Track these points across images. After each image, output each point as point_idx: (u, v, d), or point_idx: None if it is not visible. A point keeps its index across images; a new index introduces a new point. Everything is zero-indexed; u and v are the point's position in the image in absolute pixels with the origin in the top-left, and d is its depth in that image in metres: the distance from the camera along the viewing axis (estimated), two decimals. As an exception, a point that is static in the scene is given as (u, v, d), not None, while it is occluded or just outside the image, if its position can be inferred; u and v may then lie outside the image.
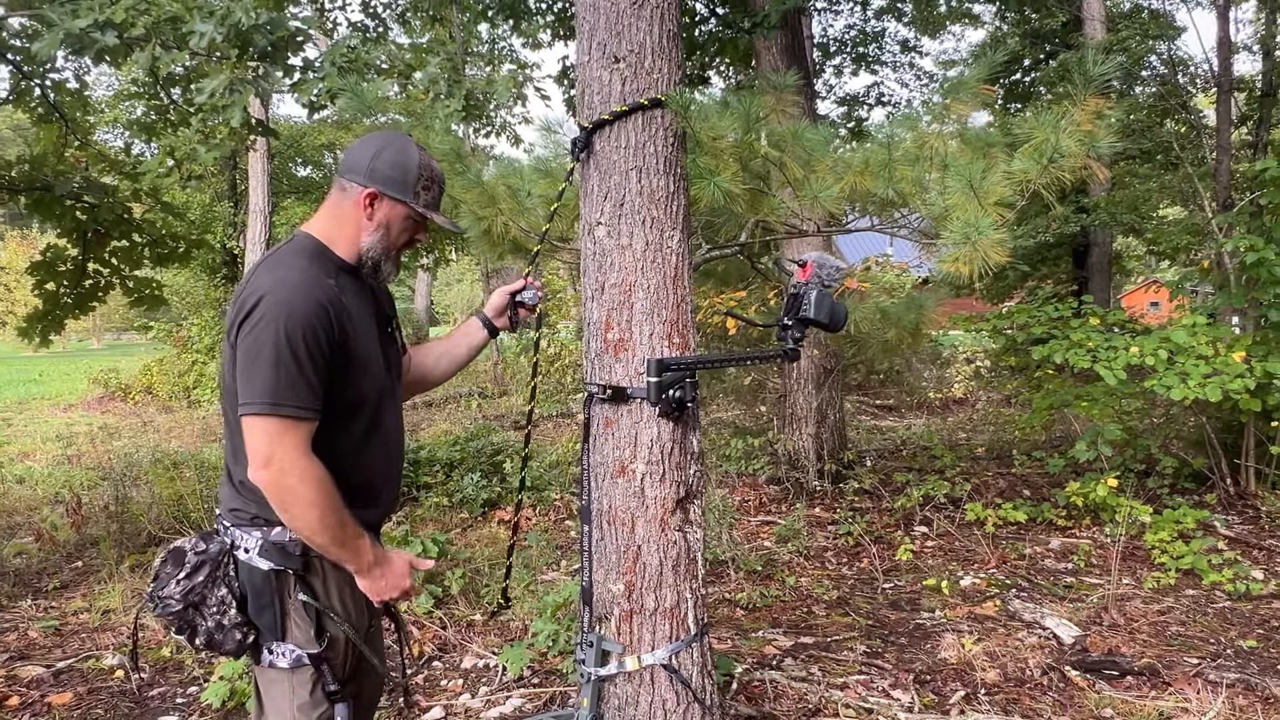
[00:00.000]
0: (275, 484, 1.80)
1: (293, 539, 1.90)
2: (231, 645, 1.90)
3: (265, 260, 1.95)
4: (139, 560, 5.36)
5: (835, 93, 16.71)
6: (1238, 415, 6.01)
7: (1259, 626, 4.17)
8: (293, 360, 1.79)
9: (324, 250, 2.00)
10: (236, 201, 18.67)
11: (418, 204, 2.05)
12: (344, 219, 2.03)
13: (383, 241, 2.05)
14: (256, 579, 1.91)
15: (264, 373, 1.78)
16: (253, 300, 1.82)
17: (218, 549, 1.92)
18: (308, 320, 1.81)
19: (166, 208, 5.64)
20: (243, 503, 1.93)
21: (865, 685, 3.63)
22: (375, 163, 2.01)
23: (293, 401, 1.79)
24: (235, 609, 1.88)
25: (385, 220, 2.04)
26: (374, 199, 2.01)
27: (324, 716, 1.95)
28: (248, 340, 1.81)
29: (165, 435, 11.39)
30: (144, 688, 3.78)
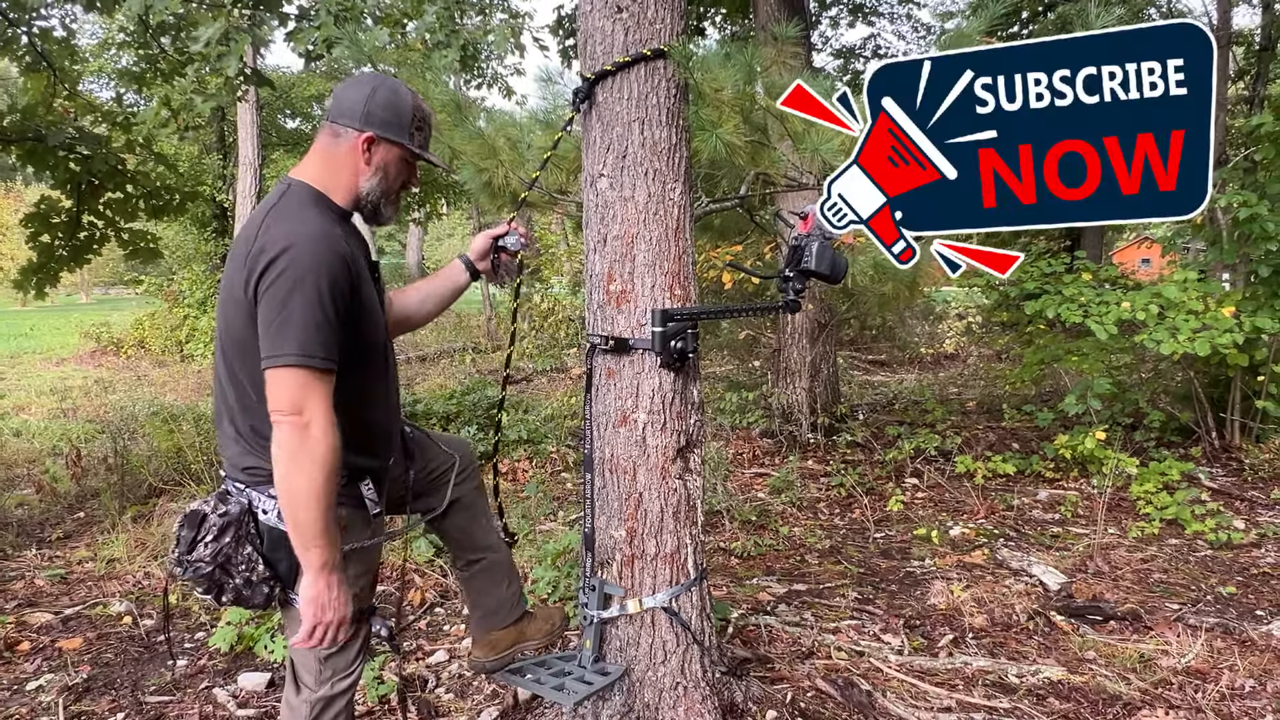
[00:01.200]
0: (297, 435, 1.78)
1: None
2: (260, 599, 1.95)
3: (271, 212, 1.92)
4: (141, 511, 5.42)
5: (832, 45, 16.53)
6: (1225, 370, 6.10)
7: (1238, 574, 4.29)
8: (320, 312, 1.80)
9: (323, 199, 1.99)
10: (225, 154, 18.44)
11: (413, 145, 2.06)
12: (339, 165, 2.01)
13: (381, 184, 2.05)
14: (278, 537, 1.94)
15: (294, 325, 1.78)
16: (272, 253, 1.81)
17: (239, 509, 1.94)
18: (331, 272, 1.82)
19: (160, 159, 5.60)
20: (257, 460, 1.93)
21: (857, 630, 3.74)
22: (370, 105, 2.00)
23: (321, 353, 1.80)
24: (262, 565, 1.93)
25: (383, 163, 2.04)
26: (371, 143, 2.01)
27: (354, 636, 2.06)
28: (272, 293, 1.79)
29: (160, 389, 11.41)
30: (152, 633, 3.86)
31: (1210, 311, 5.58)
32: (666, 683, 2.71)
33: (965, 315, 13.95)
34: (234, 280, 1.87)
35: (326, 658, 2.05)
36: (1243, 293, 6.04)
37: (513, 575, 2.59)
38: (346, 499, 1.99)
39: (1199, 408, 6.41)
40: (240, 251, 1.88)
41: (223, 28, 4.02)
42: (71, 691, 3.30)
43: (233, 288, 1.88)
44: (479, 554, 2.50)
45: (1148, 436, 6.34)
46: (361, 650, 2.13)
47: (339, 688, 2.08)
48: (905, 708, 3.03)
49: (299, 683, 2.08)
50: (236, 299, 1.86)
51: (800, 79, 2.89)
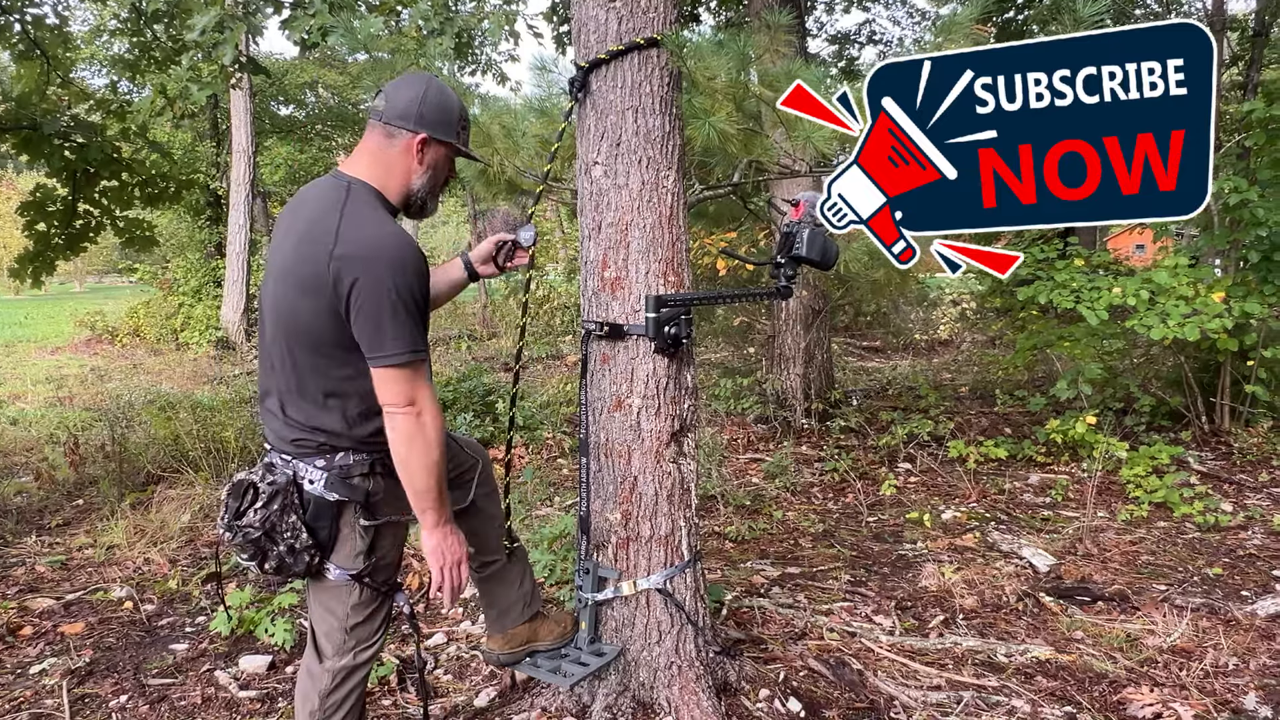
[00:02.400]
0: (413, 423, 1.93)
1: (356, 462, 2.04)
2: (300, 567, 2.05)
3: (345, 211, 1.96)
4: (139, 498, 5.45)
5: (826, 30, 16.49)
6: (1215, 355, 6.16)
7: (1225, 555, 4.35)
8: (416, 309, 1.94)
9: (381, 197, 2.07)
10: (219, 142, 18.36)
11: (460, 143, 2.17)
12: (393, 165, 2.08)
13: (430, 181, 2.15)
14: (322, 507, 2.05)
15: (399, 325, 1.91)
16: (363, 257, 1.90)
17: (285, 480, 2.04)
18: (416, 271, 1.95)
19: (156, 147, 5.60)
20: (306, 435, 2.04)
21: (849, 611, 3.79)
22: (423, 108, 2.07)
23: (423, 347, 1.96)
24: (306, 533, 2.03)
25: (434, 162, 2.13)
26: (425, 143, 2.09)
27: (379, 609, 2.19)
28: (371, 297, 1.89)
29: (156, 377, 11.43)
30: (153, 618, 3.90)
31: (1201, 297, 5.63)
32: (661, 662, 2.76)
33: (960, 301, 14.01)
34: (307, 274, 1.94)
35: (351, 628, 2.14)
36: (1233, 278, 6.08)
37: (526, 576, 2.68)
38: (385, 471, 2.09)
39: (1189, 392, 6.47)
40: (318, 247, 1.93)
41: (217, 15, 4.03)
42: (75, 675, 3.35)
43: (305, 280, 1.94)
44: (492, 556, 2.59)
45: (1138, 421, 6.40)
46: (384, 623, 2.23)
47: (361, 658, 2.18)
48: (895, 686, 3.09)
49: (320, 652, 2.17)
50: (315, 291, 1.93)
51: (799, 76, 2.92)
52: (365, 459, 2.07)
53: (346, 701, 2.17)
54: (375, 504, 2.10)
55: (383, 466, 2.09)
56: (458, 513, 2.47)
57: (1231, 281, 5.94)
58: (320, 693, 2.15)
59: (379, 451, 2.07)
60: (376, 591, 2.16)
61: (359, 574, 2.10)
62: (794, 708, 2.90)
